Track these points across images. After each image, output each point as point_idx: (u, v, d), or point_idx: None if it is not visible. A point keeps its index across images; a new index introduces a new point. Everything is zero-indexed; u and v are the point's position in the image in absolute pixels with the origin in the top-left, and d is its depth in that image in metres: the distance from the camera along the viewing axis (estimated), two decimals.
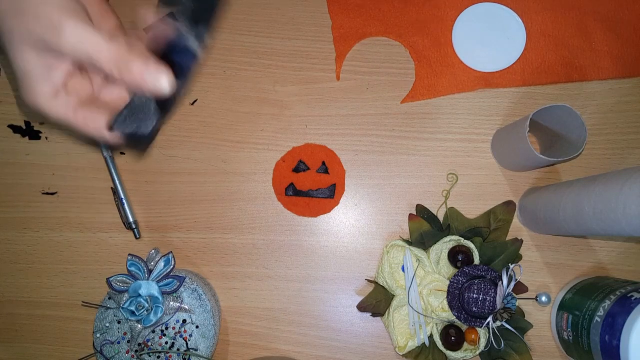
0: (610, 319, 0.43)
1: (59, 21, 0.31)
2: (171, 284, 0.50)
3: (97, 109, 0.36)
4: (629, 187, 0.37)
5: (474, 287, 0.48)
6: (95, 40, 0.32)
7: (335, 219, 0.56)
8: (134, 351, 0.50)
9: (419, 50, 0.56)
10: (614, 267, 0.54)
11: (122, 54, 0.32)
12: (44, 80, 0.34)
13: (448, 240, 0.52)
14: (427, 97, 0.56)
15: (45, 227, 0.56)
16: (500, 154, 0.54)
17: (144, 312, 0.49)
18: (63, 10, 0.32)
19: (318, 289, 0.55)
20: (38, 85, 0.34)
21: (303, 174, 0.55)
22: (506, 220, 0.53)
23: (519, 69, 0.56)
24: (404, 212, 0.55)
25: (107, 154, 0.55)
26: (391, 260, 0.53)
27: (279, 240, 0.55)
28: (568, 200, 0.44)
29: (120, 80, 0.33)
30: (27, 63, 0.33)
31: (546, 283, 0.54)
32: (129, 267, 0.50)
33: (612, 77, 0.55)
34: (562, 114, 0.47)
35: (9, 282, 0.56)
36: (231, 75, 0.57)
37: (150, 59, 0.33)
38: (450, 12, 0.57)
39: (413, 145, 0.56)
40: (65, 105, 0.35)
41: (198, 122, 0.56)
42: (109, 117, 0.35)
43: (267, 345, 0.55)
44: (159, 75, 0.33)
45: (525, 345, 0.50)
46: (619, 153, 0.55)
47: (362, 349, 0.54)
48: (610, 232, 0.40)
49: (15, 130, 0.57)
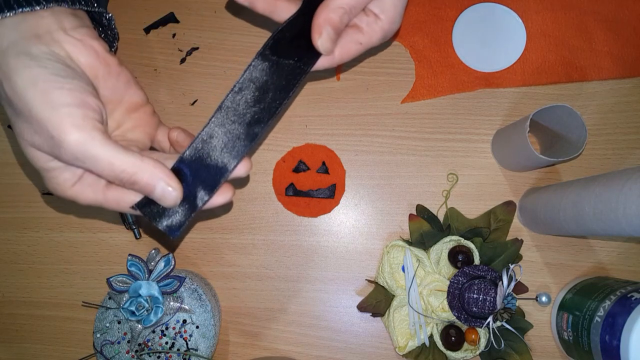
0: (610, 319, 0.43)
1: (58, 136, 0.29)
2: (171, 284, 0.50)
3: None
4: (629, 187, 0.37)
5: (474, 287, 0.48)
6: (96, 157, 0.30)
7: (335, 219, 0.56)
8: (134, 351, 0.50)
9: (419, 50, 0.56)
10: (614, 267, 0.54)
11: (125, 171, 0.31)
12: (61, 171, 0.32)
13: (448, 240, 0.52)
14: (427, 97, 0.56)
15: (45, 227, 0.56)
16: (500, 154, 0.54)
17: (144, 312, 0.49)
18: (66, 121, 0.29)
19: (318, 289, 0.55)
20: (55, 178, 0.33)
21: (303, 174, 0.55)
22: (506, 220, 0.53)
23: (519, 69, 0.56)
24: (404, 212, 0.55)
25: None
26: (391, 260, 0.53)
27: (278, 240, 0.55)
28: (568, 200, 0.44)
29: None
30: (38, 161, 0.32)
31: (546, 283, 0.54)
32: (129, 267, 0.50)
33: (612, 77, 0.55)
34: (562, 114, 0.47)
35: (9, 282, 0.56)
36: (231, 75, 0.57)
37: (159, 169, 0.32)
38: (450, 12, 0.57)
39: (413, 145, 0.56)
40: (92, 189, 0.33)
41: (198, 122, 0.56)
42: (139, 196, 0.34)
43: (267, 345, 0.55)
44: (164, 193, 0.32)
45: (525, 345, 0.50)
46: (619, 153, 0.55)
47: (362, 349, 0.54)
48: (610, 232, 0.40)
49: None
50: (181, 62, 0.57)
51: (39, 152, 0.31)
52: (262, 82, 0.36)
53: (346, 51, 0.38)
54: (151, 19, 0.57)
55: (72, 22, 0.33)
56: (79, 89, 0.30)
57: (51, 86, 0.29)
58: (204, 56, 0.57)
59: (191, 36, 0.57)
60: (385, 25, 0.38)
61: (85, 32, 0.33)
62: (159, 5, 0.57)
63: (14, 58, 0.29)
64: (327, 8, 0.35)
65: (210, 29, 0.57)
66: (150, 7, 0.57)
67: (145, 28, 0.57)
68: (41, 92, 0.29)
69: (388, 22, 0.38)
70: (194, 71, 0.57)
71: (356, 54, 0.39)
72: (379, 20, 0.38)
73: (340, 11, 0.35)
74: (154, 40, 0.57)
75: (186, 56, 0.57)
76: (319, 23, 0.36)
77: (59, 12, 0.32)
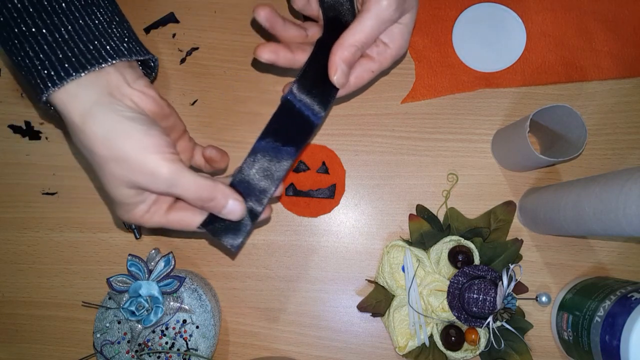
0: (610, 319, 0.43)
1: (156, 170, 0.36)
2: (171, 284, 0.50)
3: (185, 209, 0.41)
4: (629, 187, 0.37)
5: (474, 287, 0.48)
6: (184, 184, 0.37)
7: (335, 219, 0.56)
8: (134, 351, 0.50)
9: (419, 50, 0.56)
10: (614, 267, 0.54)
11: (205, 192, 0.38)
12: (138, 204, 0.38)
13: (448, 240, 0.52)
14: (427, 97, 0.56)
15: (45, 227, 0.56)
16: (500, 154, 0.54)
17: (144, 312, 0.49)
18: (159, 159, 0.36)
19: (318, 289, 0.55)
20: (133, 209, 0.39)
21: (303, 174, 0.55)
22: (506, 220, 0.53)
23: (519, 69, 0.56)
24: (404, 212, 0.55)
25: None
26: (391, 260, 0.53)
27: (279, 240, 0.55)
28: (568, 200, 0.44)
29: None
30: (123, 196, 0.37)
31: (546, 283, 0.54)
32: (129, 267, 0.50)
33: (612, 77, 0.55)
34: (562, 114, 0.47)
35: (9, 282, 0.56)
36: (231, 75, 0.57)
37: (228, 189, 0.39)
38: (450, 12, 0.57)
39: (413, 145, 0.56)
40: (158, 215, 0.40)
41: (198, 122, 0.56)
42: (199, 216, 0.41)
43: (267, 345, 0.55)
44: (234, 208, 0.39)
45: (525, 345, 0.50)
46: (619, 153, 0.55)
47: (362, 349, 0.54)
48: (610, 232, 0.40)
49: (15, 130, 0.57)
50: (181, 62, 0.57)
51: (127, 190, 0.37)
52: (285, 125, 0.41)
53: (360, 79, 0.43)
54: (151, 18, 0.57)
55: (131, 74, 0.38)
56: (159, 133, 0.36)
57: (142, 135, 0.35)
58: (204, 56, 0.57)
59: (191, 36, 0.57)
60: (394, 52, 0.42)
61: (143, 83, 0.38)
62: (159, 5, 0.57)
63: (103, 115, 0.35)
64: (342, 46, 0.39)
65: (210, 29, 0.57)
66: (150, 7, 0.57)
67: (145, 28, 0.57)
68: (136, 141, 0.35)
69: (397, 49, 0.42)
70: (194, 71, 0.57)
71: (369, 80, 0.43)
72: (388, 49, 0.42)
73: (353, 49, 0.39)
74: (154, 40, 0.57)
75: (186, 56, 0.57)
76: (334, 61, 0.40)
77: (120, 67, 0.37)
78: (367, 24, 0.39)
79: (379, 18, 0.39)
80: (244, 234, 0.41)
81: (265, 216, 0.42)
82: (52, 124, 0.57)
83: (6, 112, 0.57)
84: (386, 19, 0.39)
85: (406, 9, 0.40)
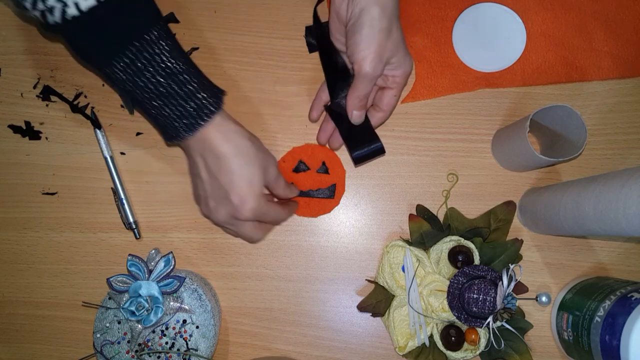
0: (610, 319, 0.43)
1: (242, 200, 0.45)
2: (171, 284, 0.50)
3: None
4: (629, 187, 0.37)
5: (474, 287, 0.48)
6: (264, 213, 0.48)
7: (335, 219, 0.56)
8: (134, 351, 0.50)
9: (418, 50, 0.56)
10: (614, 267, 0.54)
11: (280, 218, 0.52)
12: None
13: (448, 240, 0.52)
14: (427, 97, 0.56)
15: (45, 227, 0.56)
16: (500, 154, 0.54)
17: (144, 312, 0.49)
18: (249, 189, 0.45)
19: (318, 289, 0.55)
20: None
21: (303, 174, 0.55)
22: (506, 220, 0.53)
23: (519, 69, 0.56)
24: (404, 212, 0.55)
25: (108, 154, 0.55)
26: (391, 260, 0.53)
27: (279, 240, 0.55)
28: (568, 200, 0.44)
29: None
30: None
31: (546, 283, 0.54)
32: (129, 267, 0.50)
33: (612, 77, 0.55)
34: (562, 114, 0.47)
35: (9, 282, 0.56)
36: (231, 75, 0.57)
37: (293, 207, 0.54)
38: (450, 12, 0.57)
39: (413, 145, 0.56)
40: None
41: None
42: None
43: (267, 345, 0.55)
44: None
45: (525, 345, 0.50)
46: (619, 153, 0.55)
47: (362, 349, 0.54)
48: (610, 232, 0.40)
49: (15, 130, 0.57)
50: None
51: None
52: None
53: (389, 106, 0.51)
54: None
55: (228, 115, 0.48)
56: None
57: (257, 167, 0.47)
58: (204, 56, 0.57)
59: (191, 36, 0.57)
60: (402, 72, 0.49)
61: (234, 121, 0.48)
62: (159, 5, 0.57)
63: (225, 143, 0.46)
64: (350, 100, 0.49)
65: (210, 29, 0.57)
66: None
67: None
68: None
69: (402, 73, 0.49)
70: None
71: (397, 103, 0.52)
72: (396, 75, 0.49)
73: (357, 100, 0.49)
74: None
75: None
76: (348, 111, 0.50)
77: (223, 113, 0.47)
78: (360, 87, 0.48)
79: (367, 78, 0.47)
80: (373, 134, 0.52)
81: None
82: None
83: (6, 112, 0.57)
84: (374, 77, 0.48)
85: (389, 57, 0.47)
